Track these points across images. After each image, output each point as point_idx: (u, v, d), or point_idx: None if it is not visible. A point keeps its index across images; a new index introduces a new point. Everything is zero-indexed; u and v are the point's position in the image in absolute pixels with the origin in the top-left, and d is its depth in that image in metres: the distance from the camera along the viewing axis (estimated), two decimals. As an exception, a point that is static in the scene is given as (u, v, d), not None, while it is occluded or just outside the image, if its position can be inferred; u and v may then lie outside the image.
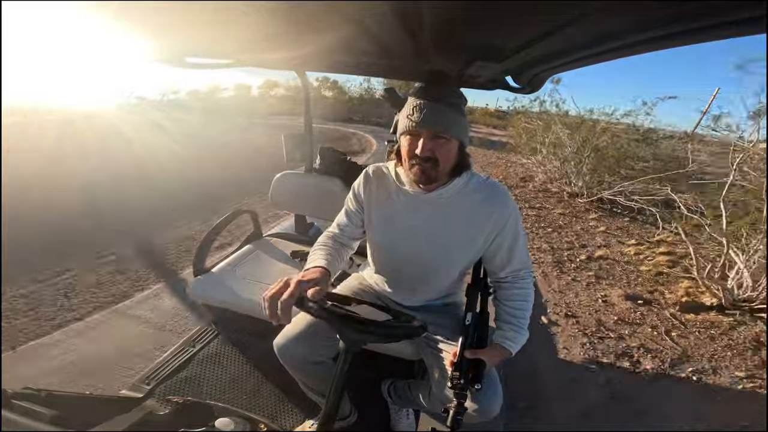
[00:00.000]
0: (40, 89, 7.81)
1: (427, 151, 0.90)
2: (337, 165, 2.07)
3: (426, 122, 0.88)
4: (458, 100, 0.93)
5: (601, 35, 0.62)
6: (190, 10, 0.66)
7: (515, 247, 1.04)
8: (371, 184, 1.11)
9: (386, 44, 0.88)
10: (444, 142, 0.91)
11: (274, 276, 1.67)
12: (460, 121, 0.92)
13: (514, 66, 0.94)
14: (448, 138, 0.91)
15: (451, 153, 0.94)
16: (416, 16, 0.65)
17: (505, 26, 0.68)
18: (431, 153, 0.91)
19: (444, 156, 0.92)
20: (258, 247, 1.94)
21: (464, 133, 0.95)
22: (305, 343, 1.06)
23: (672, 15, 0.48)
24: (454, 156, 0.95)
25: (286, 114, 18.52)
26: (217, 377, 1.59)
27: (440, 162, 0.92)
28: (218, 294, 1.55)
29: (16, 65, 1.68)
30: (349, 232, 1.14)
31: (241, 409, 0.92)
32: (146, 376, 1.54)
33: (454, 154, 0.95)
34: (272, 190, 2.00)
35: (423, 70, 1.19)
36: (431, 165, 0.92)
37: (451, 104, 0.90)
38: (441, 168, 0.93)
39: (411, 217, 1.05)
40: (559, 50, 0.75)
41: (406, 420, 1.46)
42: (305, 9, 0.65)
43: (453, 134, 0.91)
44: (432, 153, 0.91)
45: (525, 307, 1.03)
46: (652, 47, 0.59)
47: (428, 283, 1.15)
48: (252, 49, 1.10)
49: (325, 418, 0.80)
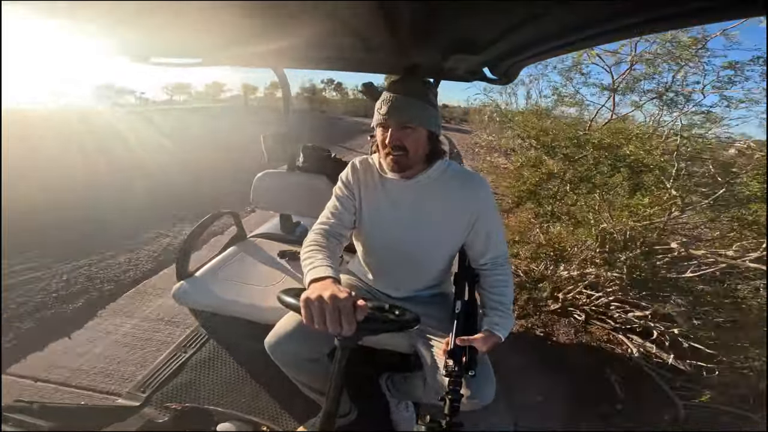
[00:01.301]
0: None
1: (396, 140, 0.98)
2: (322, 162, 2.06)
3: (392, 114, 0.96)
4: (426, 92, 0.99)
5: (579, 24, 0.63)
6: (155, 7, 0.64)
7: (492, 233, 1.09)
8: (358, 174, 1.15)
9: (366, 39, 0.88)
10: (411, 131, 0.98)
11: (262, 277, 1.66)
12: (428, 111, 0.98)
13: (490, 58, 0.96)
14: (414, 127, 0.97)
15: (419, 141, 1.00)
16: (395, 10, 0.66)
17: (481, 19, 0.69)
18: (399, 142, 0.98)
19: (412, 144, 0.99)
20: (242, 248, 1.91)
21: (433, 122, 1.00)
22: (297, 340, 1.06)
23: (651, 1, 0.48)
24: (423, 144, 1.02)
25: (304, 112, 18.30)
26: (214, 381, 1.58)
27: (409, 150, 0.99)
28: (204, 298, 1.52)
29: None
30: (343, 218, 1.14)
31: (241, 412, 0.91)
32: (141, 384, 1.51)
33: (423, 142, 1.01)
34: (253, 191, 1.96)
35: (402, 64, 1.19)
36: (402, 153, 0.99)
37: (417, 96, 0.97)
38: (411, 156, 1.00)
39: (395, 203, 1.10)
40: (534, 40, 0.77)
41: (406, 413, 1.47)
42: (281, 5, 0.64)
43: (419, 124, 0.98)
44: (400, 142, 0.98)
45: (507, 293, 1.07)
46: (631, 33, 0.59)
47: (415, 271, 1.17)
48: (224, 47, 1.07)
49: (326, 417, 0.80)
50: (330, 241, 1.06)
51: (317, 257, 0.94)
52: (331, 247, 1.04)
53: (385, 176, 1.10)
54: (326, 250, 0.99)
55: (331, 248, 1.03)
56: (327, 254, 0.97)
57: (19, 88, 11.33)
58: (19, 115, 6.14)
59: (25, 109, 6.86)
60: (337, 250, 1.07)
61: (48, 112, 7.06)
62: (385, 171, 1.10)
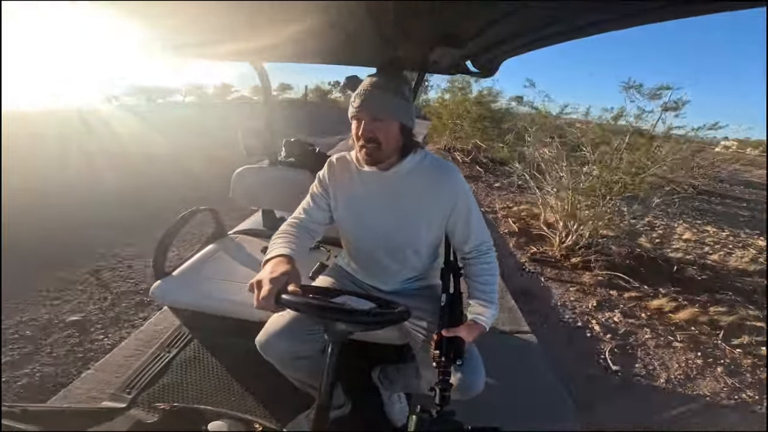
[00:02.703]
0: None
1: (368, 132, 0.98)
2: (306, 156, 2.03)
3: (363, 107, 0.97)
4: (399, 85, 0.99)
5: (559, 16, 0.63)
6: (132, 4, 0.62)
7: (470, 220, 1.11)
8: (334, 170, 1.15)
9: (349, 33, 0.87)
10: (382, 124, 0.98)
11: (243, 274, 1.63)
12: (400, 104, 0.99)
13: (472, 51, 0.97)
14: (385, 120, 0.98)
15: (391, 133, 1.00)
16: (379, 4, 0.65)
17: (463, 12, 0.70)
18: (372, 134, 0.98)
19: (384, 136, 0.99)
20: (222, 245, 1.87)
21: (405, 115, 1.01)
22: (288, 338, 1.06)
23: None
24: (395, 136, 1.02)
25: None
26: (200, 380, 1.56)
27: (382, 142, 0.99)
28: (183, 297, 1.49)
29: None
30: (315, 215, 1.16)
31: (232, 410, 0.90)
32: (125, 385, 1.48)
33: (395, 134, 1.02)
34: (233, 186, 1.91)
35: (386, 57, 1.19)
36: (374, 146, 1.00)
37: (389, 89, 0.97)
38: (384, 148, 1.01)
39: (372, 195, 1.11)
40: (515, 34, 0.78)
41: (399, 404, 1.49)
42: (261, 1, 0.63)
43: (390, 116, 0.98)
44: (372, 134, 0.98)
45: (491, 281, 1.10)
46: (614, 25, 0.59)
47: (399, 262, 1.19)
48: (198, 44, 1.04)
49: (320, 412, 0.81)
50: (299, 231, 1.09)
51: (277, 242, 1.00)
52: (299, 235, 1.07)
53: (362, 169, 1.11)
54: (290, 236, 1.04)
55: (299, 236, 1.07)
56: (288, 239, 1.01)
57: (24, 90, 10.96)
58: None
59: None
60: (305, 240, 1.10)
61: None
62: (362, 165, 1.11)
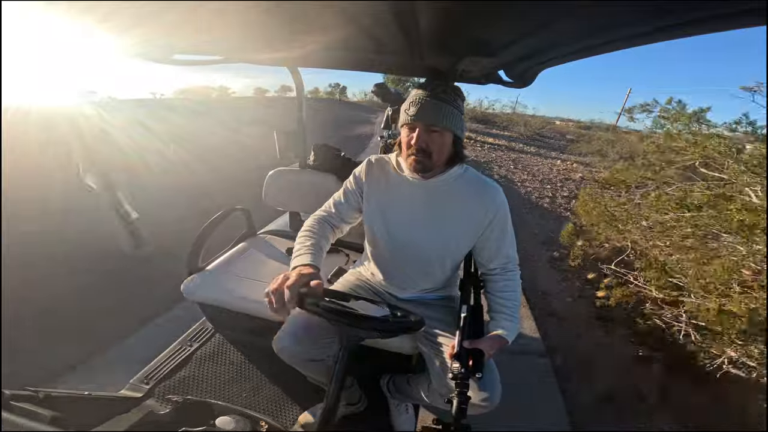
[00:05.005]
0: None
1: (422, 143, 0.98)
2: (332, 161, 2.06)
3: (420, 116, 0.96)
4: (454, 96, 0.98)
5: (592, 29, 0.62)
6: (182, 7, 0.65)
7: (503, 240, 1.08)
8: (373, 170, 1.15)
9: (381, 40, 0.87)
10: (437, 134, 0.97)
11: (269, 273, 1.66)
12: (454, 115, 0.97)
13: (506, 61, 0.94)
14: (441, 131, 0.97)
15: (444, 145, 1.00)
16: (411, 12, 0.65)
17: (496, 22, 0.68)
18: (425, 144, 0.98)
19: (437, 147, 0.99)
20: (252, 244, 1.93)
21: (458, 126, 1.00)
22: (304, 340, 1.07)
23: (667, 7, 0.47)
24: (448, 147, 1.02)
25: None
26: (216, 375, 1.59)
27: (434, 153, 0.99)
28: (212, 293, 1.53)
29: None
30: (344, 212, 1.17)
31: (241, 407, 0.92)
32: (145, 376, 1.53)
33: (448, 145, 1.02)
34: (266, 188, 1.98)
35: (417, 66, 1.19)
36: (426, 155, 0.99)
37: (445, 99, 0.96)
38: (435, 158, 1.00)
39: (409, 203, 1.10)
40: (550, 45, 0.76)
41: (406, 414, 1.46)
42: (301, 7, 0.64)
43: (446, 127, 0.97)
44: (426, 144, 0.98)
45: (515, 298, 1.07)
46: (645, 40, 0.59)
47: (422, 272, 1.17)
48: (244, 47, 1.08)
49: (326, 414, 0.81)
50: (324, 227, 1.12)
51: (305, 244, 1.02)
52: (324, 233, 1.10)
53: (402, 175, 1.11)
54: (316, 236, 1.07)
55: (324, 234, 1.09)
56: (314, 241, 1.04)
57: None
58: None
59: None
60: (329, 236, 1.12)
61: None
62: (402, 170, 1.11)
